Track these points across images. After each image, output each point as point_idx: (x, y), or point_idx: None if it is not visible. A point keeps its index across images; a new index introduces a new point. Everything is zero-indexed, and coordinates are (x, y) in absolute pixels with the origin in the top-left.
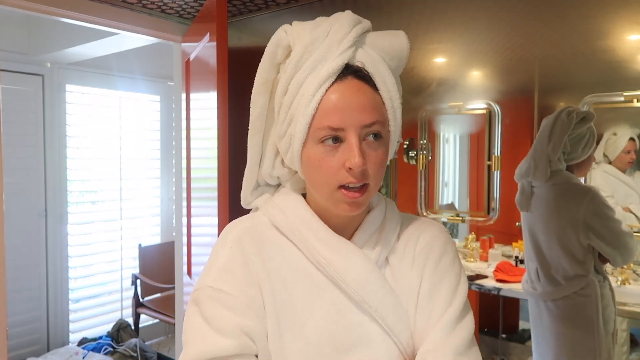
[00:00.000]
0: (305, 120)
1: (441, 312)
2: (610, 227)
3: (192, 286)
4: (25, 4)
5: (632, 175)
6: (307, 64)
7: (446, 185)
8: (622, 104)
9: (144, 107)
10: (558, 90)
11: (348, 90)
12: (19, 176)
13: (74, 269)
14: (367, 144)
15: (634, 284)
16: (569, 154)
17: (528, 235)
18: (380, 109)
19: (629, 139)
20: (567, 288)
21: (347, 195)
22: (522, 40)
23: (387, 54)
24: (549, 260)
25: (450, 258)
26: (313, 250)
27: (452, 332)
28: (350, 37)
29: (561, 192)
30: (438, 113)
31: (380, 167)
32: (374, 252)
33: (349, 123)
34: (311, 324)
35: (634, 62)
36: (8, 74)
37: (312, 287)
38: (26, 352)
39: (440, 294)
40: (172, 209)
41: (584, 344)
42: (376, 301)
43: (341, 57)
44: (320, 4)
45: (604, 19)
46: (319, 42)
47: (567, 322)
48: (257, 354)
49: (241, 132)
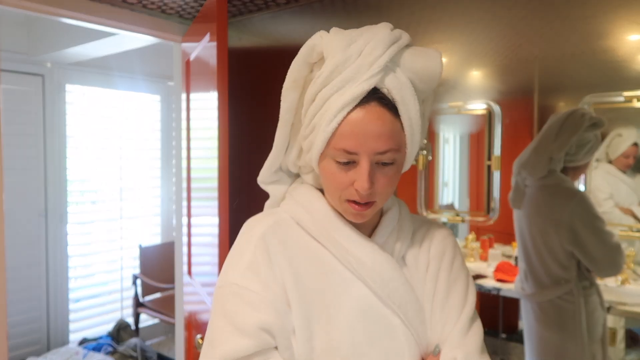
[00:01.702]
0: (325, 136)
1: (458, 312)
2: (596, 236)
3: (192, 286)
4: (25, 4)
5: (633, 176)
6: (335, 81)
7: (446, 186)
8: (622, 104)
9: (144, 107)
10: (558, 90)
11: (368, 117)
12: (19, 176)
13: (74, 269)
14: (378, 167)
15: (634, 284)
16: (570, 155)
17: (519, 235)
18: (398, 136)
19: (632, 144)
20: (551, 291)
21: (353, 208)
22: (522, 40)
23: (418, 76)
24: (534, 261)
25: (461, 261)
26: (341, 248)
27: (469, 330)
28: (382, 60)
29: (549, 193)
30: (438, 113)
31: (388, 186)
32: (395, 252)
33: (363, 149)
34: (340, 317)
35: (634, 62)
36: (8, 74)
37: (340, 282)
38: (26, 352)
39: (456, 294)
40: (172, 209)
41: (567, 348)
42: (399, 297)
43: (368, 82)
44: (321, 4)
45: (604, 19)
46: (350, 61)
47: (550, 326)
48: (277, 346)
49: (241, 132)
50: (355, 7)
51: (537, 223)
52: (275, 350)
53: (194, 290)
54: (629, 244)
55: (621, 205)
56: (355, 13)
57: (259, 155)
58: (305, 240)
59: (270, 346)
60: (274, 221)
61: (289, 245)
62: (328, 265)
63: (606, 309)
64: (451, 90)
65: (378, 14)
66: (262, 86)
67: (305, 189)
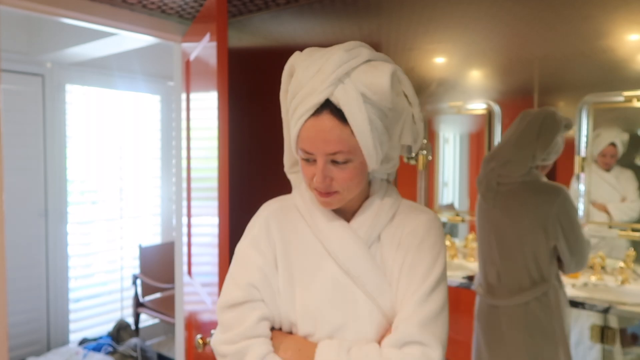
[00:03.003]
0: (292, 138)
1: (417, 286)
2: (575, 230)
3: (192, 286)
4: (25, 4)
5: (618, 176)
6: (299, 94)
7: (446, 185)
8: (622, 104)
9: (144, 107)
10: (558, 90)
11: (319, 125)
12: (19, 176)
13: (74, 269)
14: (334, 165)
15: (634, 284)
16: (545, 154)
17: (491, 237)
18: (348, 140)
19: (609, 144)
20: (529, 293)
21: (319, 195)
22: (522, 40)
23: (368, 88)
24: (513, 262)
25: (432, 242)
26: (317, 228)
27: (423, 304)
28: (333, 77)
29: (532, 189)
30: (438, 113)
31: (349, 180)
32: (366, 232)
33: (317, 150)
34: (316, 283)
35: (634, 62)
36: (8, 74)
37: (316, 256)
38: (26, 352)
39: (418, 270)
40: (172, 209)
41: (544, 352)
42: (359, 271)
43: (319, 96)
44: (321, 4)
45: (604, 19)
46: (309, 78)
47: (525, 330)
48: (263, 299)
49: (241, 132)
50: (355, 7)
51: (521, 221)
52: (262, 302)
53: (194, 290)
54: (631, 244)
55: (599, 203)
56: (355, 13)
57: (259, 154)
58: (298, 221)
59: (256, 298)
60: (278, 206)
61: (285, 225)
62: (310, 242)
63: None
64: (451, 90)
65: (378, 14)
66: (262, 86)
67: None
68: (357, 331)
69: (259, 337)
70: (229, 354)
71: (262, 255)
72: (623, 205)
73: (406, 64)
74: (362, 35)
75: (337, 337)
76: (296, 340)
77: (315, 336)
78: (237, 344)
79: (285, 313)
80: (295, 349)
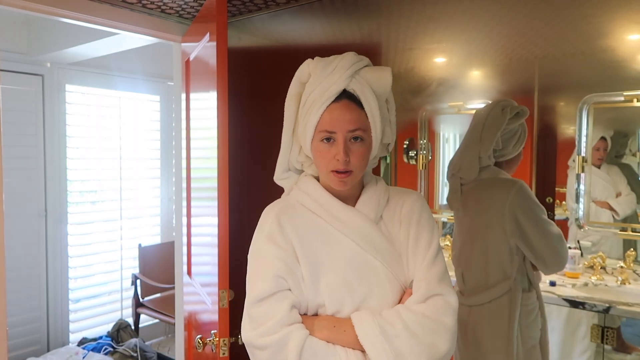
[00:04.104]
0: (313, 123)
1: (424, 253)
2: (537, 226)
3: (192, 286)
4: (25, 4)
5: (608, 172)
6: (318, 88)
7: (446, 185)
8: (622, 104)
9: (144, 107)
10: (558, 90)
11: (341, 108)
12: (19, 176)
13: (74, 269)
14: (351, 143)
15: (634, 284)
16: (499, 150)
17: (457, 238)
18: (364, 121)
19: (600, 138)
20: (491, 293)
21: (337, 176)
22: (522, 40)
23: (374, 84)
24: (475, 262)
25: (427, 217)
26: (330, 216)
27: (432, 266)
28: (348, 72)
29: (487, 187)
30: (438, 113)
31: (361, 159)
32: (372, 213)
33: (339, 128)
34: (335, 264)
35: (634, 62)
36: (8, 74)
37: (332, 240)
38: (26, 352)
39: (422, 240)
40: (172, 209)
41: (497, 350)
42: (375, 246)
43: (339, 84)
44: (320, 4)
45: (604, 19)
46: (326, 74)
47: (483, 330)
48: (289, 288)
49: (241, 132)
50: (355, 6)
51: (479, 219)
52: (289, 291)
53: (194, 290)
54: (630, 244)
55: (600, 200)
56: (355, 13)
57: (259, 154)
58: (306, 215)
59: (284, 288)
60: (284, 204)
61: (295, 219)
62: (323, 229)
63: (545, 316)
64: (451, 90)
65: (378, 13)
66: (261, 86)
67: (306, 179)
68: (380, 298)
69: (295, 324)
70: (270, 344)
71: (280, 248)
72: (621, 199)
73: (406, 64)
74: (362, 35)
75: (363, 307)
76: (328, 320)
77: (342, 312)
78: (276, 334)
79: (311, 297)
80: (329, 327)
